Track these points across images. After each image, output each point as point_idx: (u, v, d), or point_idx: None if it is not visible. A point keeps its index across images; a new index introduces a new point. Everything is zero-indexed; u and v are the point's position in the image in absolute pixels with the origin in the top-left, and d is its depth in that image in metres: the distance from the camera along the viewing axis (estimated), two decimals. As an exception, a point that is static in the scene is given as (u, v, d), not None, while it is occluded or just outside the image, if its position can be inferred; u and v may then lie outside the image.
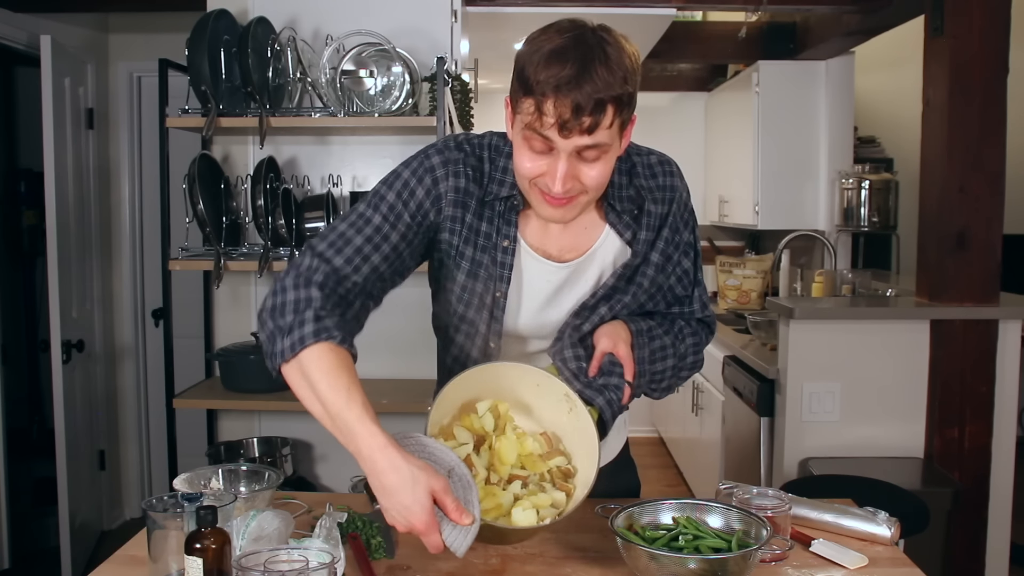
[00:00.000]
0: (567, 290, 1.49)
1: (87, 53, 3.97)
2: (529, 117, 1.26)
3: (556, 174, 1.28)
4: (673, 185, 1.51)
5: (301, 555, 1.15)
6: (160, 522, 1.27)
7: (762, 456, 3.24)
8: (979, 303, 2.99)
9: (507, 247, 1.45)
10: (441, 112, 2.62)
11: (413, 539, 1.51)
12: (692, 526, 1.32)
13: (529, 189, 1.35)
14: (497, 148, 1.46)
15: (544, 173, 1.30)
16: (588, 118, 1.22)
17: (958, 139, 2.97)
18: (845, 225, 4.32)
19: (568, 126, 1.23)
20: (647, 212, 1.49)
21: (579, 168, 1.29)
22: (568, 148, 1.26)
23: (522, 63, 1.28)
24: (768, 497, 1.43)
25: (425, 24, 2.93)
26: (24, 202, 4.18)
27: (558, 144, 1.26)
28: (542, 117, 1.24)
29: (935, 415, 3.01)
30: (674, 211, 1.51)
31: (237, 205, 2.93)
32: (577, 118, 1.23)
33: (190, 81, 2.70)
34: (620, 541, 1.26)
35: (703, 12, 4.74)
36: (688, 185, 1.57)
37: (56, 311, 3.44)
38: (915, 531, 2.25)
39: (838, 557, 1.42)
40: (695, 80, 5.75)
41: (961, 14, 2.95)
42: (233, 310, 3.05)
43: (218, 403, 2.86)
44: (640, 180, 1.49)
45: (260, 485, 1.51)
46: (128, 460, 4.34)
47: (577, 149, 1.27)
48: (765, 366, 3.21)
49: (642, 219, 1.49)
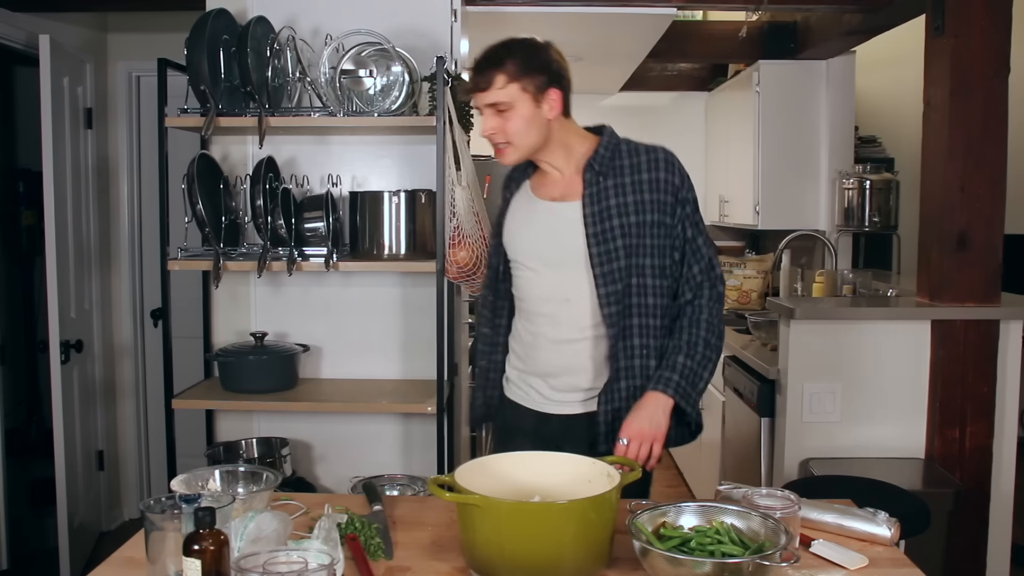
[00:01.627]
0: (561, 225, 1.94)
1: (86, 53, 3.96)
2: None
3: (484, 124, 1.89)
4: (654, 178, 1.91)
5: (300, 556, 1.14)
6: (158, 523, 1.27)
7: (762, 457, 3.24)
8: (980, 303, 2.99)
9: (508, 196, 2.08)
10: (441, 112, 2.62)
11: (412, 540, 1.50)
12: (725, 532, 1.30)
13: None
14: None
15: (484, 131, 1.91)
16: (479, 78, 1.85)
17: (959, 139, 2.96)
18: (846, 225, 4.31)
19: (473, 87, 1.87)
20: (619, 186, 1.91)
21: (498, 121, 1.86)
22: (481, 105, 1.88)
23: None
24: (776, 498, 1.42)
25: (425, 24, 2.92)
26: (22, 202, 4.17)
27: (479, 103, 1.88)
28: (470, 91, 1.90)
29: (936, 416, 3.01)
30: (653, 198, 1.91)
31: (236, 205, 2.92)
32: (473, 82, 1.86)
33: (189, 81, 2.69)
34: (637, 544, 1.25)
35: (703, 12, 4.73)
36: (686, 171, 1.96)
37: (55, 311, 3.44)
38: (916, 532, 2.24)
39: (838, 558, 1.41)
40: (695, 80, 5.74)
41: (962, 14, 2.94)
42: (232, 310, 3.04)
43: (217, 403, 2.85)
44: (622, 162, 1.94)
45: (258, 486, 1.50)
46: (127, 461, 4.33)
47: (486, 105, 1.86)
48: (765, 366, 3.21)
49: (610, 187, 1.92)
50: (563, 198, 1.95)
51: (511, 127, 1.86)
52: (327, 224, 2.76)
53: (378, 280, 2.98)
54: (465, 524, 1.32)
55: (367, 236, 2.79)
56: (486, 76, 1.84)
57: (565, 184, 1.96)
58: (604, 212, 1.90)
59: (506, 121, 1.85)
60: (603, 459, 1.44)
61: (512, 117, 1.85)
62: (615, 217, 1.89)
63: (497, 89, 1.83)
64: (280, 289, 3.02)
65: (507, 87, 1.83)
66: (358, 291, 3.00)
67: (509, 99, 1.83)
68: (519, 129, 1.86)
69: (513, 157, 1.91)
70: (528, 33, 1.89)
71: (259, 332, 2.88)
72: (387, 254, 2.78)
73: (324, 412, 2.92)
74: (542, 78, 1.84)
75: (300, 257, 2.73)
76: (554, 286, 1.95)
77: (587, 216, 1.90)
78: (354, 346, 3.01)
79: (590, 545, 1.29)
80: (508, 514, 1.26)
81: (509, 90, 1.83)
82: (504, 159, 1.92)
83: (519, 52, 1.84)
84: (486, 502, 1.26)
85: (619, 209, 1.89)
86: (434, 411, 2.66)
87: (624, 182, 1.91)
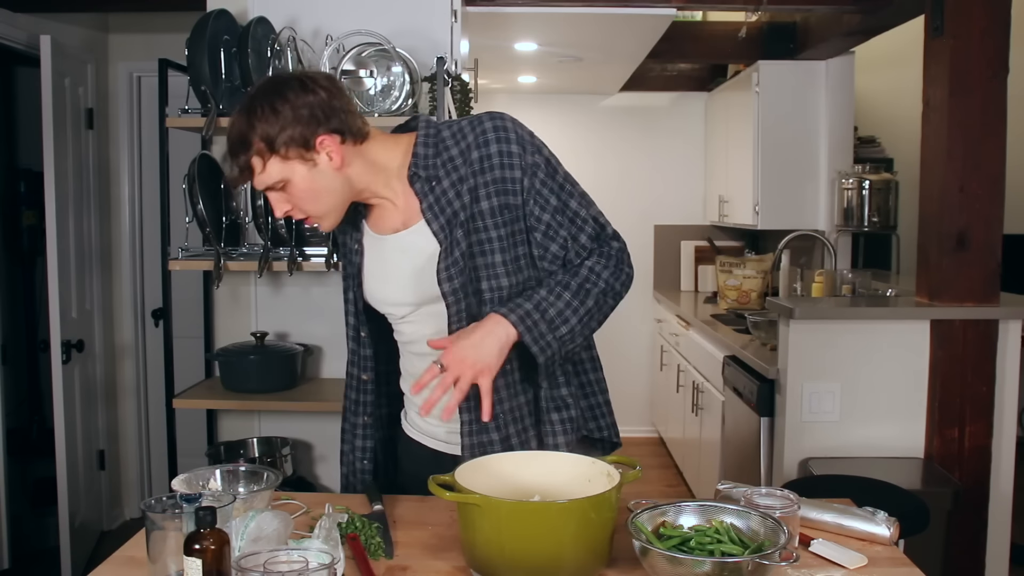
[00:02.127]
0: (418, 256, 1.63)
1: (87, 53, 3.96)
2: None
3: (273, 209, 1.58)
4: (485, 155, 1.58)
5: (300, 556, 1.15)
6: (159, 523, 1.27)
7: (762, 456, 3.24)
8: (979, 303, 2.99)
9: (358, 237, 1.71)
10: (441, 112, 2.62)
11: (412, 539, 1.51)
12: (725, 532, 1.30)
13: None
14: None
15: None
16: (236, 171, 1.53)
17: (958, 139, 2.97)
18: (845, 225, 4.31)
19: (237, 180, 1.55)
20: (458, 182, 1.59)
21: (284, 197, 1.56)
22: (260, 190, 1.59)
23: None
24: (776, 497, 1.42)
25: (425, 24, 2.93)
26: (24, 202, 4.17)
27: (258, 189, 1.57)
28: None
29: (935, 415, 3.01)
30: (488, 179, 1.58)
31: (237, 205, 2.92)
32: (234, 173, 1.54)
33: (190, 81, 2.70)
34: (637, 544, 1.25)
35: (703, 12, 4.74)
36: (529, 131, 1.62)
37: (56, 311, 3.44)
38: (915, 531, 2.25)
39: (838, 557, 1.41)
40: (695, 80, 5.74)
41: (961, 14, 2.95)
42: (233, 310, 3.05)
43: (218, 403, 2.86)
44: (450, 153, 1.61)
45: (259, 486, 1.50)
46: (128, 460, 4.34)
47: (265, 188, 1.55)
48: (765, 366, 3.21)
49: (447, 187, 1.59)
50: (405, 225, 1.63)
51: (299, 201, 1.56)
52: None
53: (378, 280, 2.98)
54: (465, 523, 1.32)
55: (367, 236, 2.79)
56: (240, 165, 1.52)
57: (403, 207, 1.63)
58: (452, 219, 1.58)
59: (291, 196, 1.55)
60: (603, 459, 1.44)
61: (294, 191, 1.54)
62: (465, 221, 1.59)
63: (260, 175, 1.53)
64: (281, 289, 3.02)
65: (268, 168, 1.52)
66: (358, 291, 3.00)
67: (280, 176, 1.52)
68: (309, 198, 1.55)
69: (329, 223, 1.60)
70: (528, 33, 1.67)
71: (260, 332, 2.89)
72: (387, 254, 2.78)
73: (325, 412, 2.92)
74: (300, 135, 1.49)
75: (301, 257, 2.74)
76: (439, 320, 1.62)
77: (436, 233, 1.59)
78: (354, 346, 3.01)
79: (590, 544, 1.30)
80: (508, 514, 1.27)
81: (271, 170, 1.52)
82: (324, 230, 1.66)
83: (260, 122, 1.48)
84: (486, 501, 1.27)
85: (461, 204, 1.59)
86: (434, 411, 2.66)
87: (462, 175, 1.58)
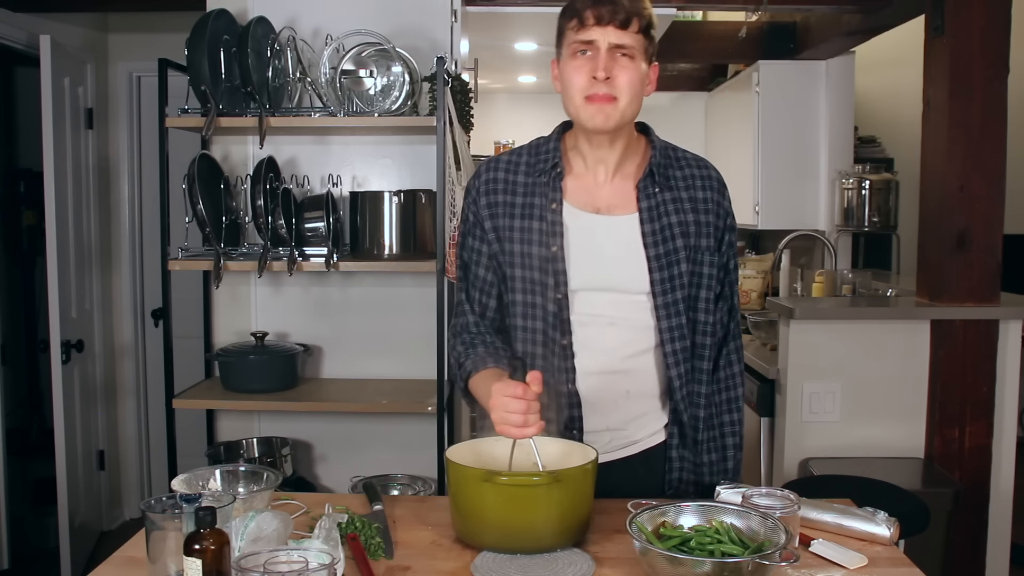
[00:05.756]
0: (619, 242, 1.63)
1: (86, 53, 3.96)
2: (574, 32, 1.55)
3: (599, 63, 1.52)
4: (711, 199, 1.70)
5: (300, 556, 1.15)
6: (159, 523, 1.27)
7: (762, 456, 3.24)
8: (980, 303, 2.99)
9: (555, 208, 1.63)
10: (441, 112, 2.62)
11: (412, 539, 1.51)
12: (725, 532, 1.30)
13: (580, 106, 1.57)
14: (538, 141, 1.71)
15: (589, 73, 1.54)
16: (617, 10, 1.51)
17: (958, 139, 2.97)
18: (845, 225, 4.31)
19: (604, 19, 1.51)
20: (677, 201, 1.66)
21: (614, 67, 1.53)
22: (605, 43, 1.53)
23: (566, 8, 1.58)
24: (776, 497, 1.42)
25: (425, 24, 2.93)
26: (23, 202, 4.18)
27: (598, 40, 1.53)
28: (584, 24, 1.53)
29: (935, 415, 3.01)
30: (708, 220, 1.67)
31: (237, 205, 2.92)
32: (602, 12, 1.51)
33: (189, 81, 2.70)
34: (637, 544, 1.25)
35: (703, 12, 4.73)
36: None
37: (55, 311, 3.44)
38: (915, 531, 2.25)
39: (838, 557, 1.41)
40: (695, 80, 5.74)
41: (961, 14, 2.94)
42: (233, 310, 3.05)
43: (217, 403, 2.86)
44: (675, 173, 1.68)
45: (259, 486, 1.50)
46: (127, 460, 4.33)
47: (612, 46, 1.53)
48: (765, 366, 3.21)
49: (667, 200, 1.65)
50: (610, 210, 1.64)
51: (627, 79, 1.54)
52: (327, 224, 2.76)
53: (378, 280, 2.99)
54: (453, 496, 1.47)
55: (367, 236, 2.80)
56: (626, 11, 1.52)
57: (610, 191, 1.64)
58: (666, 231, 1.62)
59: (624, 71, 1.54)
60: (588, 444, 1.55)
61: (633, 69, 1.54)
62: (678, 238, 1.63)
63: (632, 32, 1.53)
64: (280, 289, 3.02)
65: (637, 36, 1.54)
66: (358, 291, 3.00)
67: (637, 46, 1.54)
68: (634, 85, 1.55)
69: (615, 119, 1.56)
70: (528, 33, 1.75)
71: (259, 332, 2.89)
72: (387, 254, 2.78)
73: (324, 412, 2.93)
74: (654, 47, 1.59)
75: (300, 257, 2.74)
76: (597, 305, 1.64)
77: (646, 235, 1.62)
78: (354, 346, 3.01)
79: (565, 514, 1.40)
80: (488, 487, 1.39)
81: (638, 40, 1.54)
82: (608, 119, 1.56)
83: (650, 10, 1.57)
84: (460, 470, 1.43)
85: (682, 229, 1.63)
86: (434, 411, 2.66)
87: (681, 197, 1.65)
